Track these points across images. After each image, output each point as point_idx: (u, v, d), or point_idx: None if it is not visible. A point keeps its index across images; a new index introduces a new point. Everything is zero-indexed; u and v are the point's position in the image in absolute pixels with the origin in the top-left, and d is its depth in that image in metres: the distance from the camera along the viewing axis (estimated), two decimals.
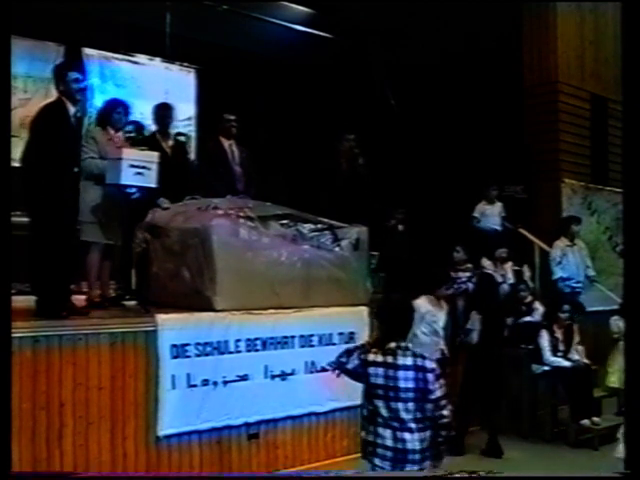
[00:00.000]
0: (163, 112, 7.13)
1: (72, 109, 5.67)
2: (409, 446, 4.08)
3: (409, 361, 4.11)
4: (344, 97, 10.66)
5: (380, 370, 4.13)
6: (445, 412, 4.12)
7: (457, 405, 7.11)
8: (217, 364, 5.93)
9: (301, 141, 10.12)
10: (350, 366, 4.26)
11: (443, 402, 4.12)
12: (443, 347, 7.25)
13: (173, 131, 7.30)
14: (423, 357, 4.18)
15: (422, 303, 7.19)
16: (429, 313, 7.23)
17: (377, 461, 4.16)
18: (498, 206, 9.11)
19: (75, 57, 9.46)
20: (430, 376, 4.08)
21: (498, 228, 9.03)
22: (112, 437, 5.38)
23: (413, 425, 4.07)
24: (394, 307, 4.37)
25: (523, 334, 7.95)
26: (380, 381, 4.13)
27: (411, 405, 4.07)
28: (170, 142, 7.07)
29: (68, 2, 8.71)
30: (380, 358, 4.15)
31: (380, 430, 4.13)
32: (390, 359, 4.12)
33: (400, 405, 4.07)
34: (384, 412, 4.12)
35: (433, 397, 4.09)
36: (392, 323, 4.24)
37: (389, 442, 4.11)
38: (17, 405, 4.75)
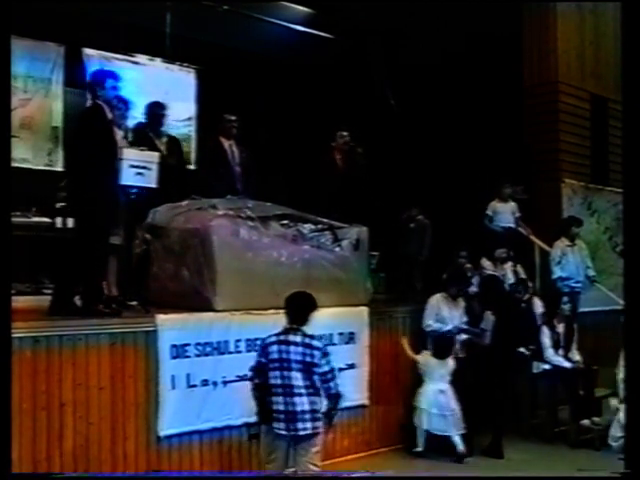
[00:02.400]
0: (155, 110, 7.10)
1: (109, 114, 5.79)
2: (298, 408, 4.94)
3: (298, 339, 5.02)
4: (344, 97, 10.65)
5: (275, 347, 5.04)
6: (331, 384, 5.01)
7: (467, 406, 7.12)
8: (217, 364, 5.93)
9: (301, 141, 10.12)
10: (262, 360, 5.08)
11: (329, 375, 5.01)
12: (457, 346, 7.29)
13: (167, 129, 7.28)
14: (312, 337, 5.07)
15: (435, 300, 7.40)
16: (440, 310, 7.34)
17: (275, 424, 4.99)
18: (511, 205, 9.07)
19: (77, 58, 9.48)
20: (316, 352, 4.98)
21: (512, 226, 9.00)
22: (112, 437, 5.38)
23: (303, 391, 4.94)
24: (295, 298, 5.20)
25: (523, 334, 7.94)
26: (275, 356, 5.01)
27: (300, 374, 4.94)
28: (164, 140, 7.05)
29: (68, 2, 8.70)
30: (274, 338, 5.08)
31: (274, 399, 4.99)
32: (282, 337, 5.05)
33: (292, 374, 4.96)
34: (278, 381, 4.98)
35: (320, 370, 4.97)
36: (292, 310, 5.13)
37: (281, 407, 4.97)
38: (17, 405, 4.75)
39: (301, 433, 4.95)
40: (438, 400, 6.90)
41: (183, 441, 5.75)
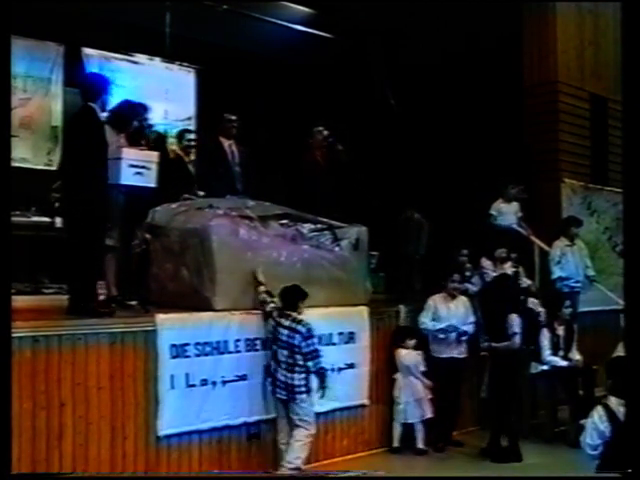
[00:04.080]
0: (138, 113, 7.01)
1: (102, 115, 5.84)
2: (280, 377, 5.89)
3: (287, 323, 5.90)
4: (344, 97, 10.66)
5: (273, 324, 5.99)
6: (310, 363, 5.85)
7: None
8: (216, 364, 5.93)
9: (300, 141, 10.12)
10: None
11: (309, 356, 5.84)
12: (454, 344, 7.28)
13: (151, 129, 7.26)
14: (299, 322, 5.88)
15: (432, 300, 7.40)
16: (437, 309, 7.33)
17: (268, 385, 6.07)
18: (514, 205, 9.07)
19: (77, 57, 9.49)
20: (298, 336, 5.82)
21: (514, 226, 9.00)
22: (112, 437, 5.38)
23: (283, 365, 5.86)
24: (285, 289, 6.03)
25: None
26: (271, 330, 6.01)
27: (285, 352, 5.85)
28: (146, 140, 7.01)
29: (68, 2, 8.70)
30: (278, 319, 5.97)
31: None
32: (278, 319, 5.96)
33: (279, 350, 5.90)
34: (272, 352, 6.00)
35: (302, 351, 5.82)
36: (283, 299, 6.01)
37: (272, 371, 5.97)
38: (17, 405, 4.74)
39: (278, 396, 5.94)
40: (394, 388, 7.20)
41: (182, 441, 5.75)
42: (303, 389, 5.85)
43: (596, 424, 4.86)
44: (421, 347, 7.32)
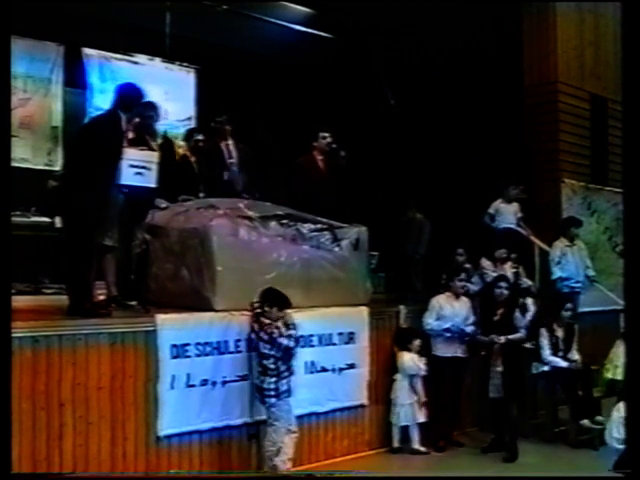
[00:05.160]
0: (144, 111, 7.01)
1: (124, 125, 5.86)
2: (255, 381, 5.95)
3: (256, 328, 5.87)
4: (344, 97, 10.66)
5: (250, 329, 5.98)
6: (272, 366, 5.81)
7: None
8: (217, 364, 5.93)
9: (301, 141, 10.12)
10: None
11: (272, 359, 5.77)
12: (458, 343, 7.29)
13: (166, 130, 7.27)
14: (262, 327, 5.80)
15: (436, 300, 7.38)
16: (442, 309, 7.32)
17: None
18: (514, 206, 9.06)
19: (77, 58, 9.49)
20: (260, 343, 5.82)
21: (512, 227, 9.00)
22: (112, 437, 5.37)
23: (259, 369, 5.87)
24: (262, 292, 5.89)
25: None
26: (249, 336, 6.01)
27: (256, 355, 5.90)
28: (159, 140, 7.02)
29: (68, 2, 8.70)
30: (252, 323, 5.95)
31: None
32: (253, 324, 5.92)
33: (253, 354, 5.97)
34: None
35: (265, 356, 5.79)
36: (260, 303, 5.87)
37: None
38: (17, 405, 4.74)
39: (257, 401, 6.00)
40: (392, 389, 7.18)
41: (183, 441, 5.74)
42: (272, 393, 5.79)
43: (623, 418, 4.89)
44: (425, 348, 7.32)
